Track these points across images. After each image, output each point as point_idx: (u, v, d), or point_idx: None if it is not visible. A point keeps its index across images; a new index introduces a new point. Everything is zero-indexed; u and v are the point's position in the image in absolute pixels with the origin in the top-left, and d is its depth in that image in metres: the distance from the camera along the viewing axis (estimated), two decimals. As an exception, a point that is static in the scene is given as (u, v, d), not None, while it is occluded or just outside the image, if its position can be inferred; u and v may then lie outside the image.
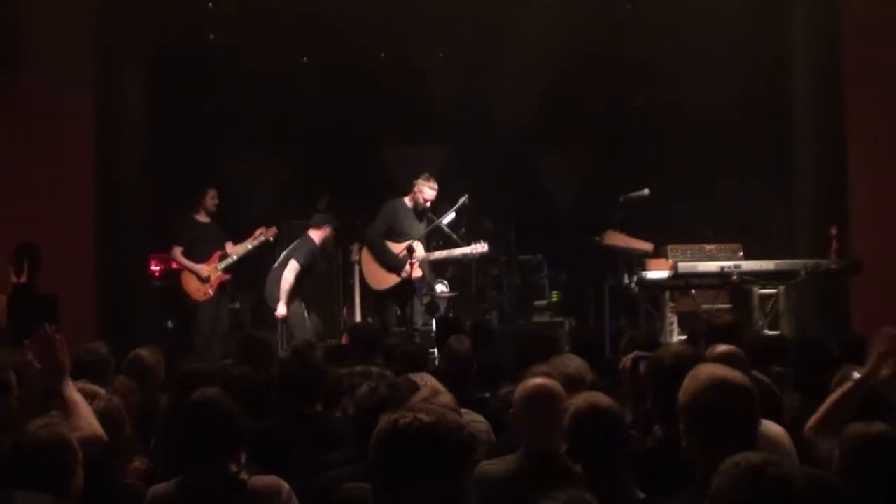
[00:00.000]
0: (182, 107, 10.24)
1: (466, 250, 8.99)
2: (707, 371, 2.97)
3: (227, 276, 9.20)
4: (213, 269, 9.11)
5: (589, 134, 10.94)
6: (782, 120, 9.51)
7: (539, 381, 3.62)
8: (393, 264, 8.84)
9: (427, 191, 8.94)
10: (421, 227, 9.02)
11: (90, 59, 8.90)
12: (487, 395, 5.19)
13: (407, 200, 9.04)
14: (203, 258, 9.15)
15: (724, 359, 3.91)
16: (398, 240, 8.92)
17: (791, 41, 9.36)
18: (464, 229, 9.50)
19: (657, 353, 3.93)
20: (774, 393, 4.14)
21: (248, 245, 9.22)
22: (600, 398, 3.33)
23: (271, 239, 9.32)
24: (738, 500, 2.35)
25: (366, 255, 9.16)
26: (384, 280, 8.86)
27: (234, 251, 9.19)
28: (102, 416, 3.59)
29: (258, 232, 9.22)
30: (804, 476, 2.55)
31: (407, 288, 8.85)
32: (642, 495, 3.13)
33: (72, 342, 3.80)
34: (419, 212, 9.01)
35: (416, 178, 9.05)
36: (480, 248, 8.93)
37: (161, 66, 9.64)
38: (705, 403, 2.86)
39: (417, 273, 8.88)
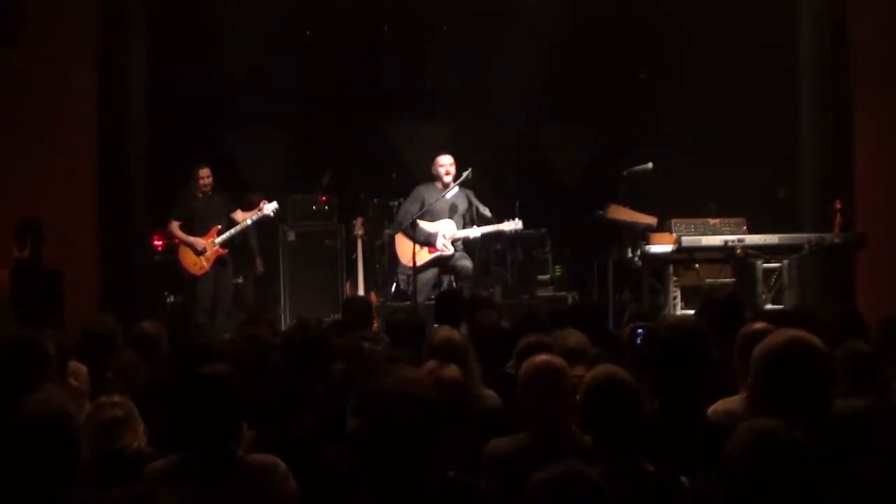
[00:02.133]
0: (184, 81, 10.26)
1: (501, 226, 9.05)
2: (788, 333, 2.89)
3: (225, 251, 9.23)
4: (209, 243, 9.15)
5: (593, 107, 10.92)
6: (789, 92, 9.50)
7: (543, 357, 3.63)
8: (427, 240, 8.94)
9: (439, 168, 9.02)
10: (461, 205, 9.09)
11: (92, 35, 8.92)
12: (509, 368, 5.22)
13: (435, 184, 9.12)
14: (202, 232, 9.20)
15: (759, 335, 3.88)
16: (431, 220, 9.04)
17: (798, 9, 9.32)
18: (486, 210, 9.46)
19: (654, 324, 3.97)
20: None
21: (248, 220, 9.26)
22: (617, 370, 3.31)
23: (272, 214, 9.35)
24: (747, 463, 2.37)
25: (399, 238, 9.21)
26: (419, 257, 8.86)
27: (243, 218, 9.21)
28: (112, 425, 3.54)
29: (261, 203, 9.24)
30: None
31: (441, 263, 9.01)
32: (652, 468, 3.15)
33: (75, 317, 3.85)
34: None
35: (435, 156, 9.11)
36: (514, 224, 8.97)
37: (163, 41, 9.65)
38: (783, 362, 2.75)
39: (449, 250, 8.98)
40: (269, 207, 9.25)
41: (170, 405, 3.81)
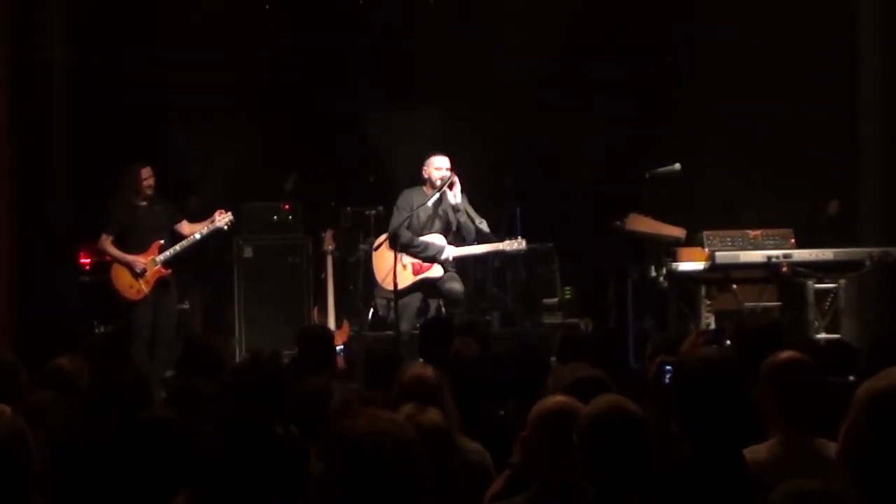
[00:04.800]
0: (118, 66, 10.20)
1: (499, 247, 8.97)
2: None
3: (168, 271, 9.13)
4: (149, 262, 9.04)
5: (610, 95, 10.89)
6: (844, 79, 9.48)
7: (560, 399, 3.62)
8: (435, 255, 8.85)
9: (433, 171, 8.90)
10: (448, 213, 8.99)
11: (4, 10, 8.85)
12: (502, 412, 5.21)
13: (425, 189, 9.01)
14: (140, 248, 9.10)
15: (789, 367, 3.91)
16: (422, 233, 8.94)
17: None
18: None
19: (683, 357, 3.93)
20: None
21: (197, 234, 9.16)
22: (623, 401, 3.31)
23: (225, 226, 9.25)
24: None
25: (378, 253, 9.09)
26: (401, 279, 8.74)
27: (192, 231, 9.13)
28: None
29: (216, 215, 9.16)
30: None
31: (427, 286, 8.93)
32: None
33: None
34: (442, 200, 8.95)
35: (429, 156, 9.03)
36: (517, 244, 8.90)
37: (92, 19, 9.59)
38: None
39: (436, 272, 8.89)
40: (224, 219, 9.16)
41: (87, 460, 3.68)
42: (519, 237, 8.99)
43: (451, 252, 8.91)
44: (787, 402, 3.85)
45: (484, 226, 9.06)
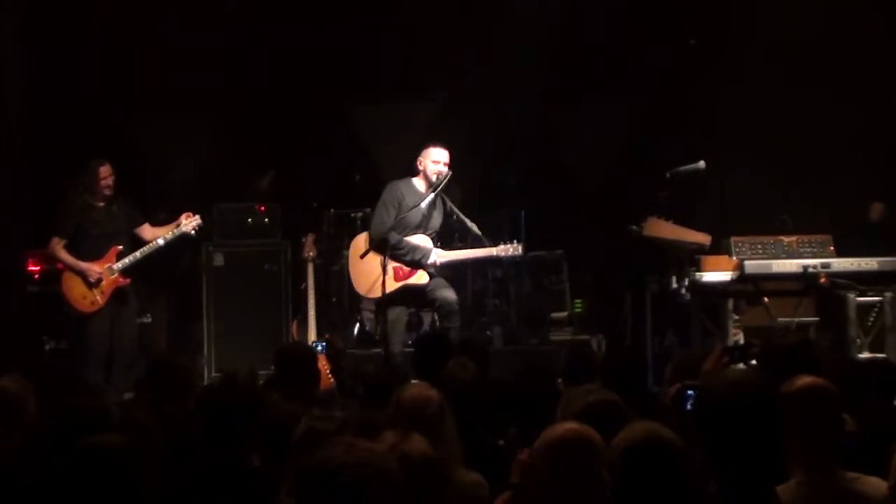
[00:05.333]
0: (73, 59, 10.21)
1: (493, 252, 8.94)
2: None
3: (127, 280, 9.12)
4: (106, 270, 9.03)
5: (626, 84, 10.90)
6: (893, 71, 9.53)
7: (572, 426, 3.63)
8: (420, 259, 8.83)
9: (430, 164, 8.87)
10: (437, 217, 8.99)
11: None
12: (501, 441, 5.22)
13: (416, 181, 8.99)
14: (96, 255, 9.08)
15: (807, 396, 3.91)
16: (405, 234, 8.88)
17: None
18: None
19: (708, 381, 3.93)
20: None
21: (161, 239, 9.14)
22: (661, 429, 3.34)
23: (193, 232, 9.24)
24: None
25: (356, 259, 9.06)
26: (379, 285, 8.71)
27: (154, 236, 9.12)
28: None
29: (183, 218, 9.14)
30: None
31: (412, 295, 8.90)
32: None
33: None
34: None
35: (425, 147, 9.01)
36: (512, 249, 8.89)
37: (46, 12, 9.64)
38: None
39: (422, 278, 8.87)
40: (192, 223, 9.15)
41: (29, 498, 3.76)
42: (515, 242, 8.95)
43: (438, 256, 8.89)
44: (806, 436, 3.85)
45: (475, 228, 9.04)
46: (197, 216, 9.20)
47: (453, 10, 10.70)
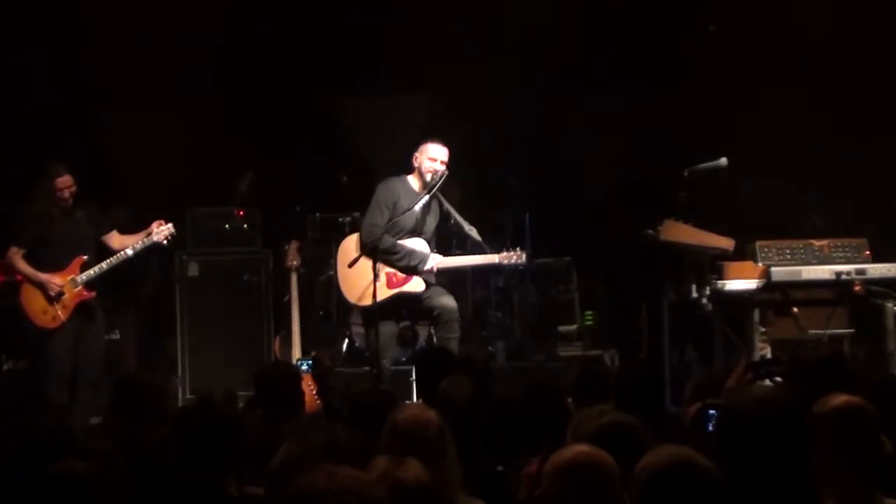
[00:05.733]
0: (34, 53, 10.22)
1: (494, 259, 8.97)
2: None
3: (93, 294, 9.10)
4: (69, 282, 9.02)
5: (638, 74, 10.89)
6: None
7: (584, 449, 3.66)
8: (414, 265, 8.85)
9: (426, 161, 8.93)
10: (432, 220, 9.04)
11: None
12: (501, 468, 5.24)
13: (411, 179, 9.00)
14: (59, 265, 9.06)
15: (841, 416, 3.91)
16: (399, 238, 8.93)
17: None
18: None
19: (731, 400, 3.93)
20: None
21: (129, 250, 9.11)
22: (690, 453, 3.35)
23: (165, 241, 9.21)
24: None
25: (344, 267, 9.05)
26: (371, 292, 8.71)
27: (123, 245, 9.09)
28: None
29: (154, 226, 9.12)
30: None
31: (406, 305, 8.93)
32: None
33: None
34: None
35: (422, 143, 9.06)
36: (516, 257, 8.93)
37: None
38: None
39: (417, 285, 8.89)
40: (164, 232, 9.13)
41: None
42: (518, 249, 8.97)
43: (436, 262, 8.86)
44: (841, 460, 3.84)
45: (474, 233, 9.05)
46: (169, 224, 9.18)
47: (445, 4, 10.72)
